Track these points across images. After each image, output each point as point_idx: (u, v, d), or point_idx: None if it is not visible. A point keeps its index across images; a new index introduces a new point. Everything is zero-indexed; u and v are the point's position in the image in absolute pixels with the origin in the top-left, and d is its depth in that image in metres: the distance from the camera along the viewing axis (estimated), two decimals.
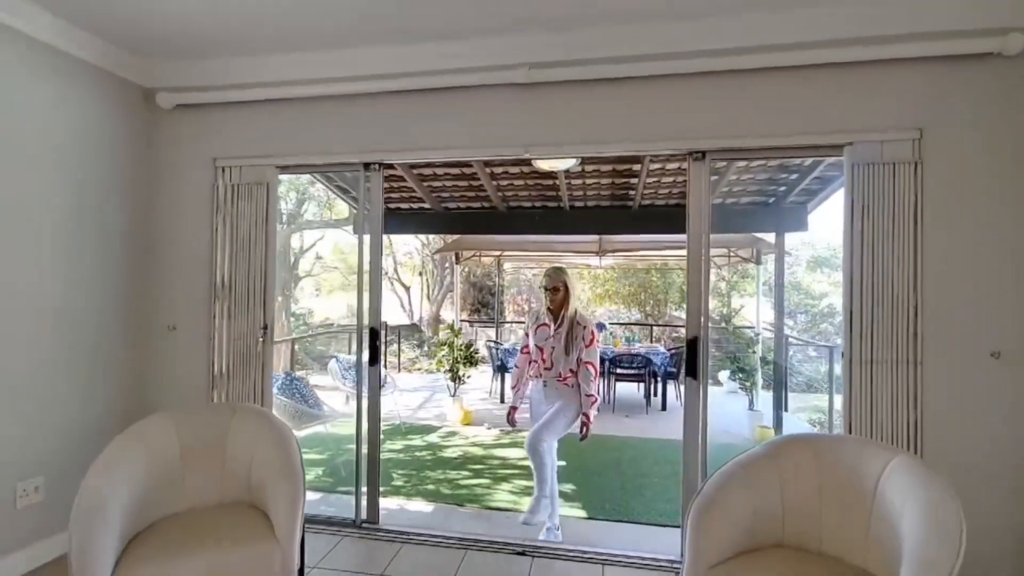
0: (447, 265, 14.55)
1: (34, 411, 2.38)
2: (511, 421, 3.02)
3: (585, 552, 2.58)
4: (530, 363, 3.03)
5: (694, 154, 2.51)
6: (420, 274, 16.05)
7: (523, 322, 14.71)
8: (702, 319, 2.53)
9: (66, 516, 2.44)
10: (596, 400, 2.87)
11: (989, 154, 2.19)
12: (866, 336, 2.26)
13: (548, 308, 2.94)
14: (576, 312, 2.91)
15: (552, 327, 2.92)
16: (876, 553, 1.62)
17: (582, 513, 3.35)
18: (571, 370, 2.87)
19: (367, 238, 2.88)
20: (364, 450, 2.87)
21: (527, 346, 3.05)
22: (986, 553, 2.14)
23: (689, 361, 2.54)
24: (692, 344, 2.52)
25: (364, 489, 2.86)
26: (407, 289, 15.48)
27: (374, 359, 2.86)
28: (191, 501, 2.05)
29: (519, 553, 2.57)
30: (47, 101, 2.40)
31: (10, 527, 2.28)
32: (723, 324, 8.29)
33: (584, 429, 2.84)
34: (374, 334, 2.85)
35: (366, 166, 2.82)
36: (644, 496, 3.64)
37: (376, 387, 2.88)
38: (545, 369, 2.94)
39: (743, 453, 1.93)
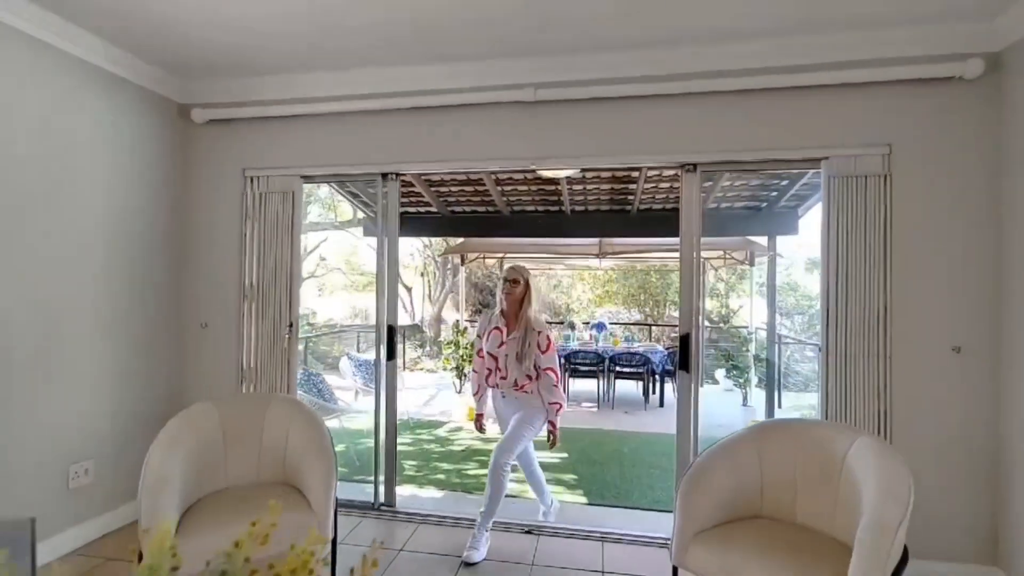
0: (449, 267, 14.82)
1: (86, 401, 2.61)
2: (479, 428, 2.89)
3: (586, 531, 2.81)
4: (488, 370, 2.77)
5: (686, 166, 2.74)
6: (422, 275, 16.30)
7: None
8: (694, 317, 2.76)
9: (111, 496, 2.70)
10: (562, 407, 2.69)
11: (951, 168, 2.43)
12: (841, 332, 2.50)
13: (502, 311, 2.71)
14: (532, 316, 2.68)
15: (505, 332, 2.68)
16: (842, 521, 1.86)
17: (583, 499, 3.59)
18: (528, 376, 2.65)
19: (385, 241, 3.12)
20: (382, 438, 3.11)
21: (480, 351, 2.80)
22: (945, 520, 2.38)
23: (682, 356, 2.77)
24: (684, 340, 2.76)
25: (382, 476, 3.09)
26: (408, 290, 15.71)
27: (391, 355, 3.10)
28: (231, 480, 2.28)
29: (526, 532, 2.80)
30: (98, 118, 2.64)
31: (63, 506, 2.51)
32: (720, 324, 8.53)
33: (551, 437, 2.70)
34: (391, 331, 3.09)
35: (384, 176, 3.06)
36: (641, 485, 3.87)
37: (393, 381, 3.11)
38: (501, 379, 2.71)
39: (729, 435, 2.17)
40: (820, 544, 1.82)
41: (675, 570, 1.94)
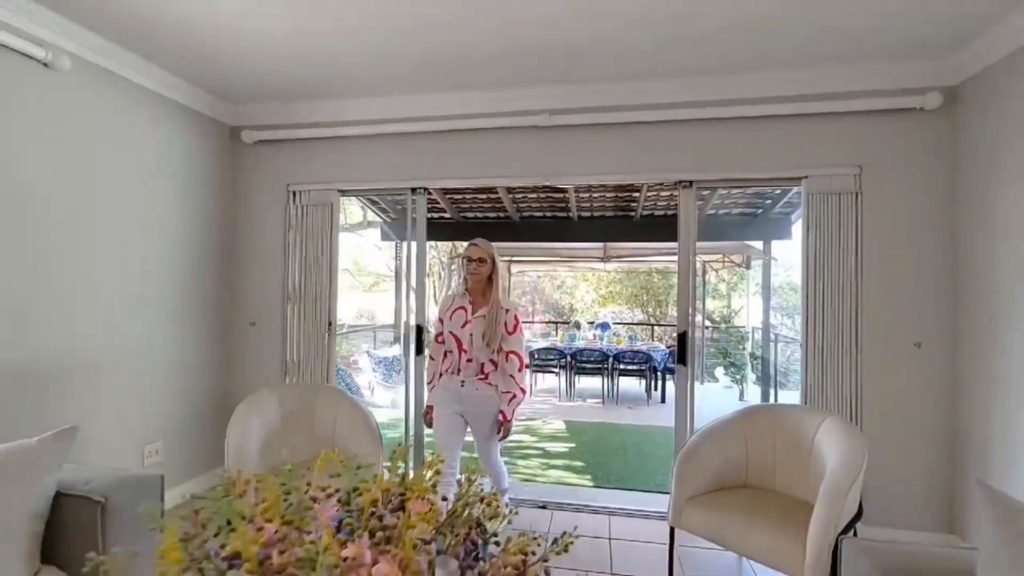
0: (453, 267, 15.19)
1: (157, 390, 2.98)
2: (428, 422, 2.60)
3: (594, 507, 3.17)
4: (445, 355, 2.55)
5: (682, 183, 3.10)
6: (427, 276, 16.66)
7: (532, 322, 15.20)
8: (690, 317, 3.12)
9: (178, 473, 3.05)
10: (518, 397, 2.44)
11: (913, 186, 2.78)
12: (819, 329, 2.85)
13: (467, 289, 2.51)
14: (500, 295, 2.48)
15: (470, 311, 2.47)
16: (812, 486, 2.21)
17: (591, 483, 3.94)
18: (493, 363, 2.46)
19: (413, 247, 3.49)
20: (412, 427, 3.47)
21: (441, 333, 2.55)
22: (907, 493, 2.73)
23: (680, 351, 3.13)
24: (682, 337, 3.11)
25: (411, 462, 3.45)
26: (412, 290, 16.00)
27: (419, 350, 3.46)
28: (291, 457, 2.64)
29: (540, 507, 3.16)
30: (161, 139, 3.01)
31: None
32: (721, 324, 8.86)
33: (501, 429, 2.43)
34: (420, 330, 3.45)
35: (412, 190, 3.43)
36: (643, 471, 4.22)
37: (421, 375, 3.48)
38: (467, 361, 2.45)
39: (719, 418, 2.52)
40: (793, 506, 2.17)
41: (672, 531, 2.30)
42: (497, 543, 0.92)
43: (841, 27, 2.37)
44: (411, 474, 0.99)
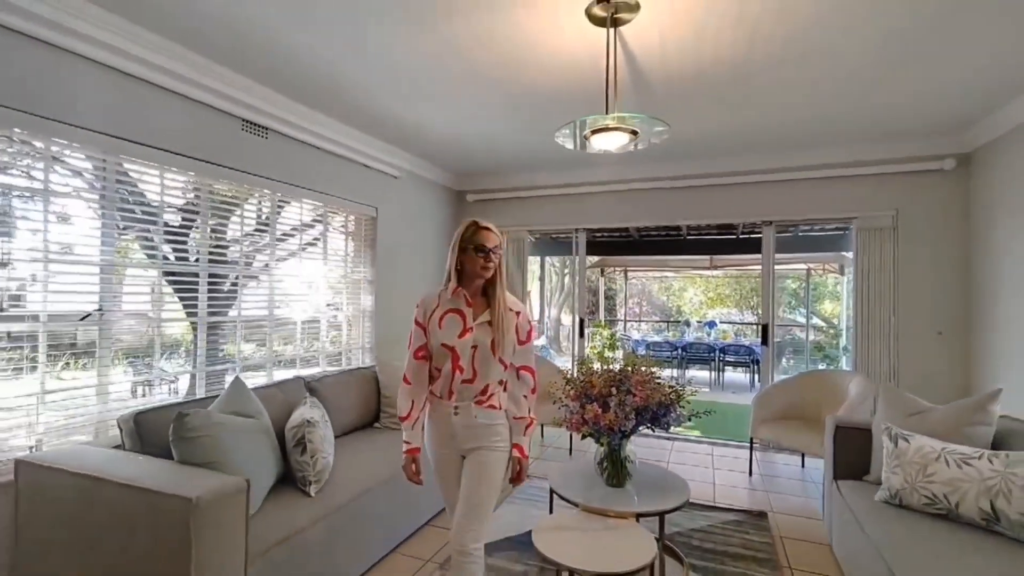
0: (566, 272, 16.97)
1: None
2: (412, 475, 1.83)
3: (700, 439, 4.70)
4: (430, 376, 1.86)
5: (765, 222, 4.53)
6: (539, 280, 18.58)
7: (650, 321, 16.44)
8: (771, 312, 4.54)
9: None
10: (533, 424, 1.88)
11: (935, 222, 3.98)
12: (868, 324, 4.14)
13: (458, 288, 1.81)
14: (507, 294, 1.86)
15: (469, 316, 1.80)
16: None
17: (699, 434, 5.42)
18: (501, 382, 1.84)
19: (576, 262, 5.25)
20: None
21: (422, 348, 1.84)
22: None
23: (763, 336, 4.56)
24: (765, 327, 4.55)
25: None
26: (528, 295, 17.97)
27: (581, 334, 5.21)
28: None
29: (668, 438, 4.75)
30: (425, 203, 5.05)
31: None
32: (821, 322, 9.66)
33: (519, 468, 1.84)
34: (582, 322, 5.21)
35: (576, 231, 5.19)
36: (738, 432, 5.61)
37: (582, 355, 5.21)
38: (464, 382, 1.78)
39: (786, 377, 3.97)
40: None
41: (751, 440, 3.81)
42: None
43: (884, 118, 3.51)
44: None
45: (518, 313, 1.84)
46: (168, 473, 1.79)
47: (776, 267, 4.73)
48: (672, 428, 2.42)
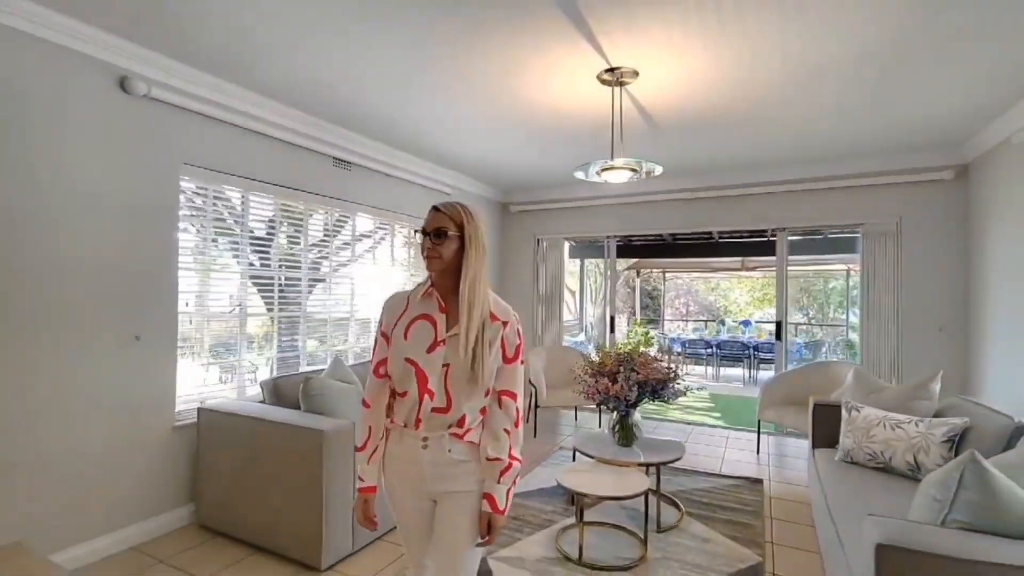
0: (608, 273, 17.53)
1: None
2: (365, 520, 1.45)
3: (718, 426, 5.21)
4: (392, 399, 1.46)
5: (779, 229, 5.00)
6: (586, 280, 19.13)
7: (688, 319, 16.80)
8: (784, 309, 5.00)
9: None
10: (514, 469, 1.40)
11: (935, 229, 4.35)
12: (874, 322, 4.55)
13: (430, 288, 1.43)
14: (489, 296, 1.41)
15: (441, 324, 1.39)
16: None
17: (723, 423, 5.91)
18: (482, 409, 1.41)
19: (607, 263, 5.87)
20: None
21: (383, 363, 1.45)
22: None
23: (777, 332, 5.03)
24: (779, 324, 5.02)
25: None
26: (572, 294, 18.56)
27: (612, 329, 5.82)
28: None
29: (687, 423, 5.30)
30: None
31: None
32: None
33: (489, 529, 1.37)
34: (612, 319, 5.82)
35: (607, 238, 5.81)
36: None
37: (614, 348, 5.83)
38: (435, 411, 1.38)
39: (791, 368, 4.45)
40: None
41: (759, 422, 4.33)
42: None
43: (890, 136, 3.92)
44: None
45: (505, 322, 1.39)
46: (302, 418, 2.59)
47: (817, 267, 5.18)
48: (670, 401, 3.04)
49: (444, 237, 1.38)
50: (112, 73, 2.57)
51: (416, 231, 1.47)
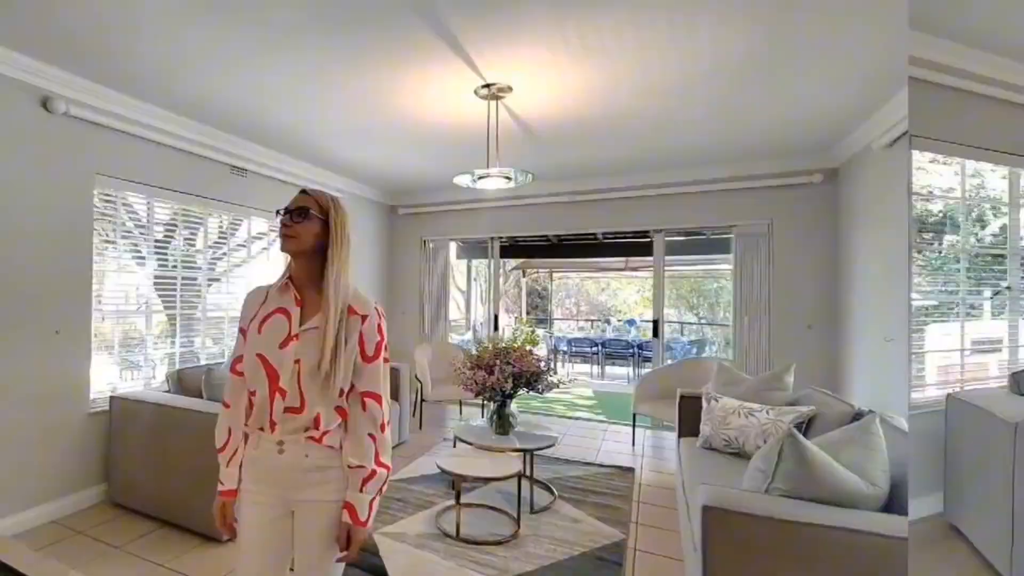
0: (499, 274, 17.71)
1: None
2: (224, 524, 1.34)
3: (597, 422, 5.34)
4: (250, 398, 1.30)
5: (655, 230, 5.23)
6: (474, 280, 19.15)
7: (575, 319, 17.48)
8: (660, 309, 5.24)
9: None
10: (378, 476, 1.26)
11: (806, 231, 4.61)
12: (747, 319, 4.88)
13: (289, 280, 1.32)
14: (350, 287, 1.31)
15: (296, 317, 1.29)
16: None
17: (603, 418, 6.08)
18: (340, 410, 1.28)
19: (492, 265, 5.80)
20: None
21: (239, 360, 1.33)
22: None
23: (654, 331, 5.26)
24: (656, 322, 5.25)
25: None
26: (461, 293, 18.45)
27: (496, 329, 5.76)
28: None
29: (569, 417, 5.37)
30: (367, 218, 5.47)
31: None
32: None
33: (348, 542, 1.24)
34: (496, 318, 5.76)
35: (491, 239, 5.74)
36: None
37: None
38: (287, 412, 1.25)
39: (665, 365, 4.65)
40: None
41: (634, 416, 4.47)
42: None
43: (760, 141, 4.10)
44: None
45: (364, 316, 1.28)
46: (205, 405, 2.82)
47: (708, 267, 5.41)
48: (544, 392, 3.11)
49: (305, 216, 1.28)
50: (36, 93, 2.83)
51: (278, 211, 1.31)
